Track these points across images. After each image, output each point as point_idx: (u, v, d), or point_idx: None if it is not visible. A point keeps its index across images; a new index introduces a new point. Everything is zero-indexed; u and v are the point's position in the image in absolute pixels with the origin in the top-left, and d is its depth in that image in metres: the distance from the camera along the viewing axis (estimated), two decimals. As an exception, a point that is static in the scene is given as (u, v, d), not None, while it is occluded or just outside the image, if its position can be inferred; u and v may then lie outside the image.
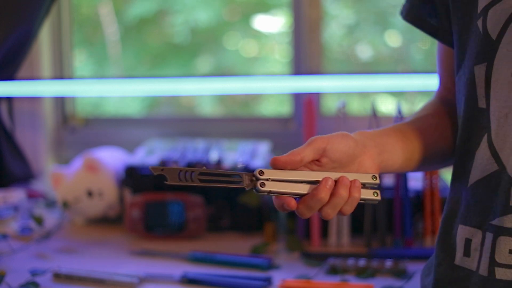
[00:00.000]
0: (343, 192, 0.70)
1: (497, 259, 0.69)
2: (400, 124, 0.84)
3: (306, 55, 1.64)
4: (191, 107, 2.27)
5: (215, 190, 1.32)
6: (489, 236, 0.71)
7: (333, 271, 1.10)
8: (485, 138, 0.72)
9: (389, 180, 1.24)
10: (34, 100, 1.69)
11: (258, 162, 1.35)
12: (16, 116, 1.69)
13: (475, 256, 0.73)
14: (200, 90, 1.60)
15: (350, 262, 1.10)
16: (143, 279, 1.07)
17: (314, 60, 1.64)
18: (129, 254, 1.22)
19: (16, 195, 1.42)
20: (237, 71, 2.31)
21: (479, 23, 0.72)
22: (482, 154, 0.72)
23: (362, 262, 1.10)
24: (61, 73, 1.76)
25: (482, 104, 0.73)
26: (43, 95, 1.69)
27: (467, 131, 0.75)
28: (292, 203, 0.70)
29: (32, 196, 1.54)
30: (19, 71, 1.54)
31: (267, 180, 0.70)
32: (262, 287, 1.03)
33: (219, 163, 1.33)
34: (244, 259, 1.15)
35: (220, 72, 2.33)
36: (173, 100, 2.24)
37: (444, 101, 0.87)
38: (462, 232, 0.75)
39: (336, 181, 0.71)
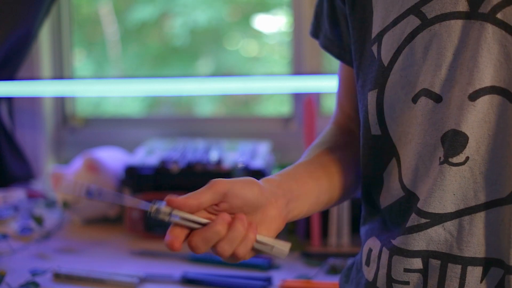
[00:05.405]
0: (240, 226, 0.65)
1: (393, 276, 0.69)
2: (304, 162, 0.78)
3: (306, 55, 1.64)
4: (191, 107, 2.27)
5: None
6: (385, 252, 0.71)
7: (333, 271, 1.09)
8: (393, 163, 0.70)
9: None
10: (34, 100, 1.69)
11: (258, 162, 1.35)
12: (16, 116, 1.69)
13: (373, 267, 0.73)
14: (200, 90, 1.60)
15: (350, 262, 1.10)
16: (143, 279, 1.07)
17: (314, 60, 1.64)
18: (129, 254, 1.21)
19: (16, 195, 1.42)
20: (238, 71, 2.31)
21: (374, 48, 0.71)
22: (390, 177, 0.71)
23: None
24: (61, 73, 1.76)
25: (375, 131, 0.71)
26: (43, 95, 1.69)
27: (367, 157, 0.74)
28: (177, 243, 0.70)
29: (32, 196, 1.54)
30: (19, 71, 1.54)
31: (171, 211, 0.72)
32: (262, 287, 1.03)
33: (219, 163, 1.33)
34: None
35: (220, 73, 2.33)
36: (173, 100, 2.23)
37: (342, 127, 0.85)
38: (370, 242, 0.75)
39: (233, 218, 0.66)
